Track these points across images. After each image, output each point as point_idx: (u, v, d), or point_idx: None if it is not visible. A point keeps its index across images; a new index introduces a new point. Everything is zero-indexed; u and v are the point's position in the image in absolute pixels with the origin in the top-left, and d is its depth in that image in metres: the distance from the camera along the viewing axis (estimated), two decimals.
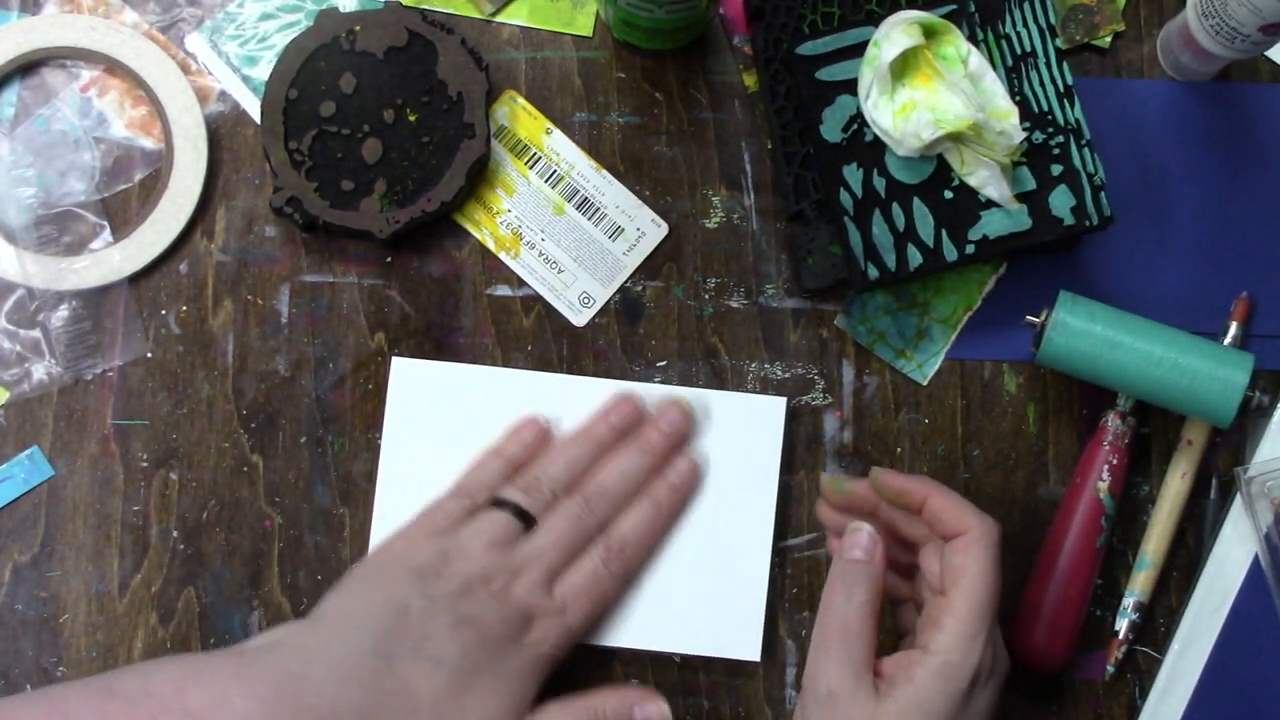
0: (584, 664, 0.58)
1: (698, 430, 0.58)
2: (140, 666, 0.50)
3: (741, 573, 0.57)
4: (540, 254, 0.61)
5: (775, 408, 0.58)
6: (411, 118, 0.60)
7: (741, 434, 0.59)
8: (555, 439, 0.58)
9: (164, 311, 0.60)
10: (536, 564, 0.54)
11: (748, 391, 0.61)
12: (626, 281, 0.62)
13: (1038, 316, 0.58)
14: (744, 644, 0.56)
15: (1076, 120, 0.58)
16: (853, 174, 0.58)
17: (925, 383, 0.62)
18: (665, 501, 0.57)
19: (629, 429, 0.58)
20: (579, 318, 0.61)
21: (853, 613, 0.50)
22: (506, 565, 0.53)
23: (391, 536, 0.55)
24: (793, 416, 0.61)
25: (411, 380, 0.59)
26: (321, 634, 0.51)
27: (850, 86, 0.58)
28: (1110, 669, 0.60)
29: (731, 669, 0.59)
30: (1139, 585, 0.60)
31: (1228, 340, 0.61)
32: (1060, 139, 0.58)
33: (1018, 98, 0.58)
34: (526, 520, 0.55)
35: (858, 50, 0.58)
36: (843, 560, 0.52)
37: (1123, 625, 0.59)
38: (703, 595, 0.58)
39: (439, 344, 0.61)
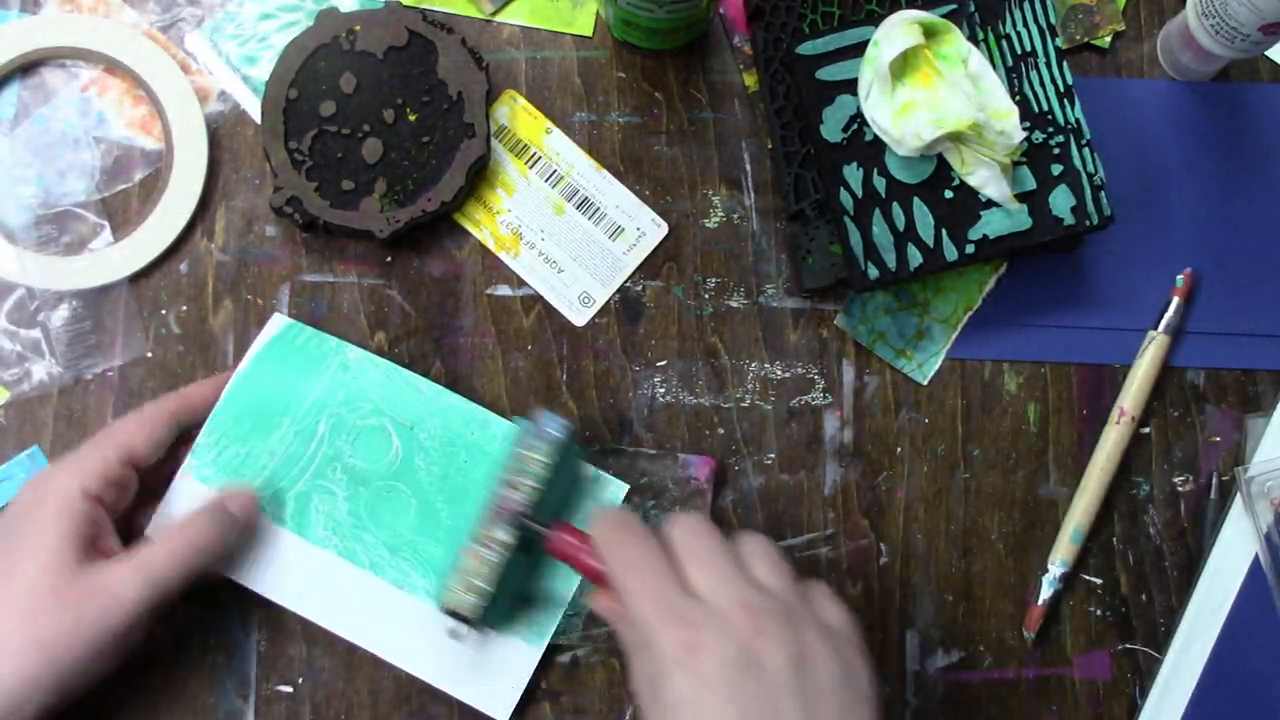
0: (584, 664, 0.59)
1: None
2: None
3: (523, 641, 0.57)
4: (540, 253, 0.61)
5: (614, 491, 0.58)
6: (411, 117, 0.60)
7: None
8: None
9: (164, 311, 0.60)
10: None
11: (745, 392, 0.61)
12: (626, 281, 0.62)
13: None
14: (496, 703, 0.56)
15: (1076, 120, 0.58)
16: (853, 174, 0.58)
17: (925, 382, 0.62)
18: None
19: None
20: (579, 317, 0.61)
21: None
22: None
23: None
24: (792, 416, 0.61)
25: (284, 340, 0.58)
26: None
27: (850, 86, 0.58)
28: (1030, 635, 0.60)
29: None
30: (1063, 553, 0.60)
31: (1169, 315, 0.61)
32: (1060, 139, 0.58)
33: (1018, 97, 0.58)
34: None
35: (858, 50, 0.58)
36: None
37: (1047, 594, 0.60)
38: (476, 644, 0.57)
39: (439, 343, 0.61)
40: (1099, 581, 0.61)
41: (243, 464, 0.56)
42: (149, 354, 0.60)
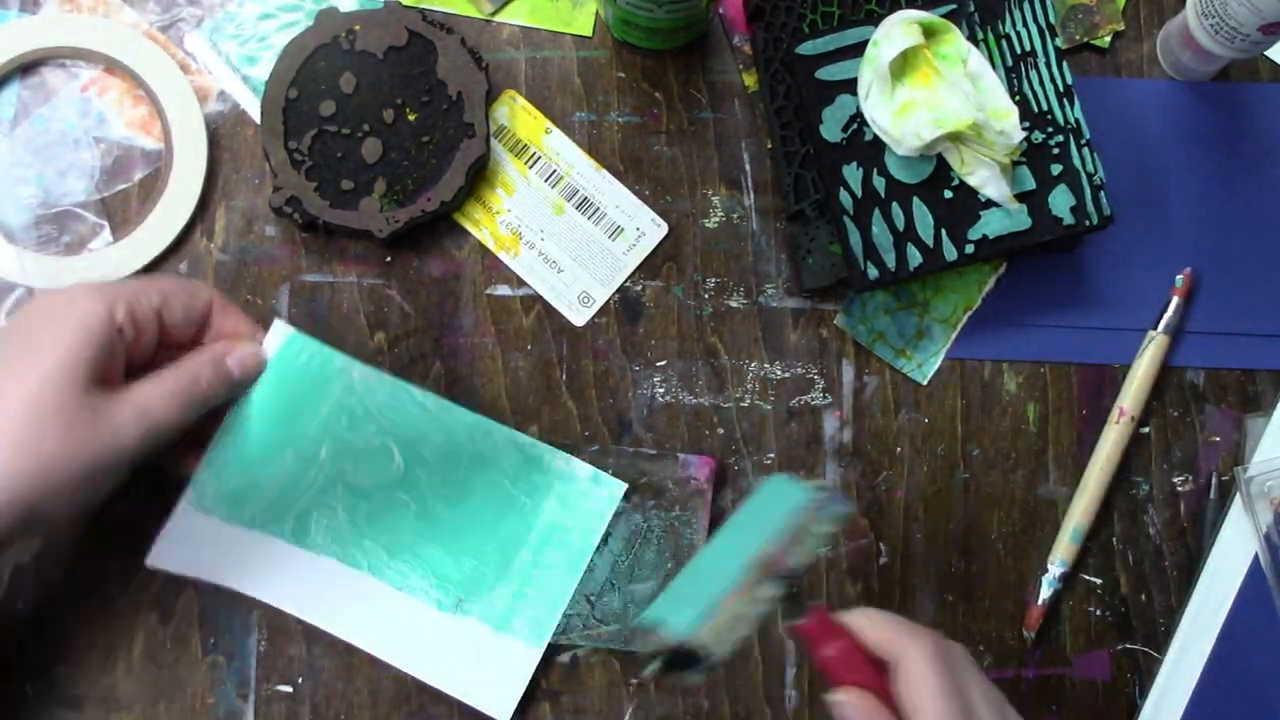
0: (584, 664, 0.59)
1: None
2: None
3: (524, 642, 0.57)
4: (540, 253, 0.61)
5: (612, 490, 0.58)
6: (411, 117, 0.60)
7: (572, 505, 0.58)
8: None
9: None
10: None
11: (745, 392, 0.61)
12: (626, 281, 0.62)
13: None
14: (499, 704, 0.56)
15: (1076, 120, 0.58)
16: (852, 173, 0.58)
17: (925, 382, 0.62)
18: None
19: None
20: (578, 317, 0.61)
21: None
22: None
23: None
24: (792, 416, 0.61)
25: (288, 352, 0.54)
26: None
27: (850, 86, 0.58)
28: (1030, 635, 0.60)
29: (731, 667, 0.59)
30: (1062, 553, 0.60)
31: (1168, 314, 0.61)
32: (1060, 139, 0.58)
33: (1017, 97, 0.58)
34: None
35: (857, 50, 0.58)
36: None
37: (1046, 594, 0.60)
38: (476, 645, 0.57)
39: (438, 343, 0.61)
40: (1099, 581, 0.61)
41: (245, 493, 0.54)
42: None
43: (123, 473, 0.49)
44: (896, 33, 0.56)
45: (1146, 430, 0.62)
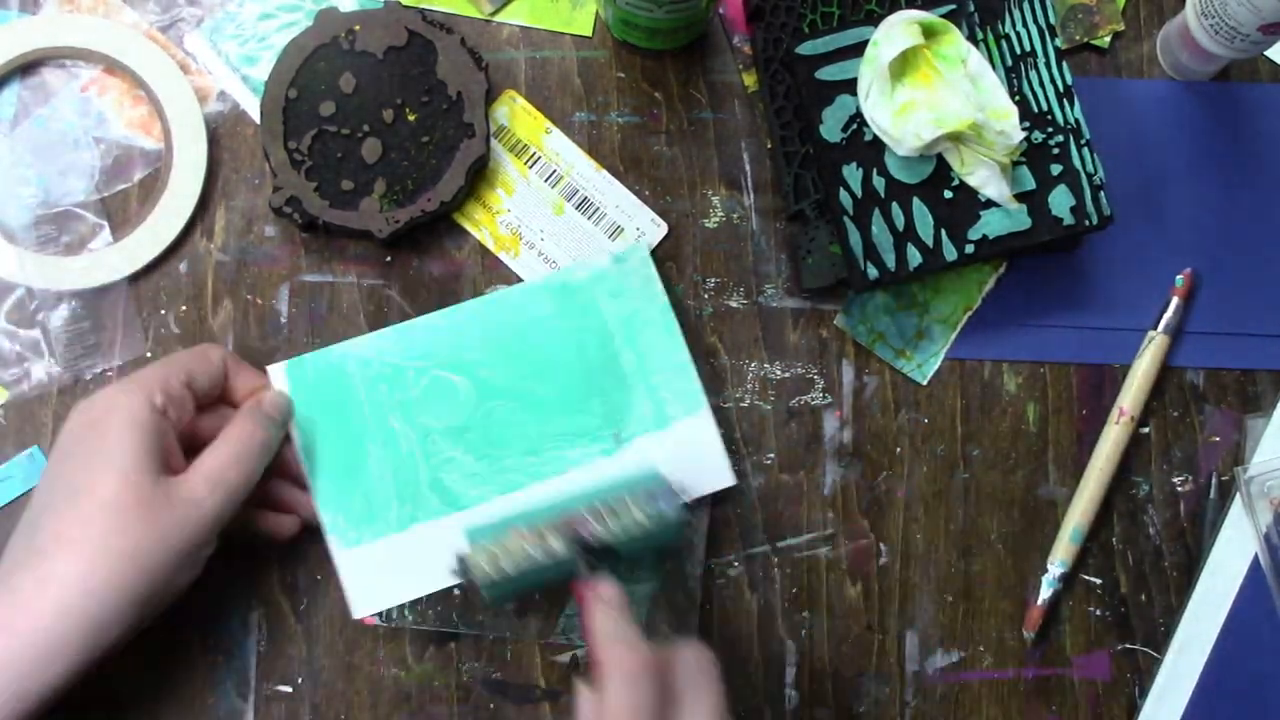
0: (584, 664, 0.59)
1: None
2: None
3: (688, 416, 0.58)
4: (540, 254, 0.61)
5: (637, 255, 0.59)
6: (411, 117, 0.60)
7: (621, 290, 0.59)
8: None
9: (163, 311, 0.60)
10: None
11: (745, 392, 0.61)
12: None
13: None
14: (718, 475, 0.58)
15: (1076, 120, 0.58)
16: (852, 173, 0.58)
17: (925, 382, 0.62)
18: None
19: None
20: None
21: None
22: None
23: None
24: (792, 416, 0.61)
25: (297, 380, 0.58)
26: None
27: (850, 86, 0.58)
28: (1030, 635, 0.60)
29: (730, 668, 0.59)
30: (1062, 553, 0.60)
31: (1168, 315, 0.61)
32: (1060, 139, 0.58)
33: (1017, 97, 0.58)
34: None
35: (857, 50, 0.58)
36: None
37: (1046, 594, 0.60)
38: (664, 455, 0.58)
39: None
40: (1098, 581, 0.61)
41: (371, 505, 0.57)
42: (148, 354, 0.60)
43: (210, 544, 0.52)
44: (896, 33, 0.56)
45: (1146, 430, 0.62)
